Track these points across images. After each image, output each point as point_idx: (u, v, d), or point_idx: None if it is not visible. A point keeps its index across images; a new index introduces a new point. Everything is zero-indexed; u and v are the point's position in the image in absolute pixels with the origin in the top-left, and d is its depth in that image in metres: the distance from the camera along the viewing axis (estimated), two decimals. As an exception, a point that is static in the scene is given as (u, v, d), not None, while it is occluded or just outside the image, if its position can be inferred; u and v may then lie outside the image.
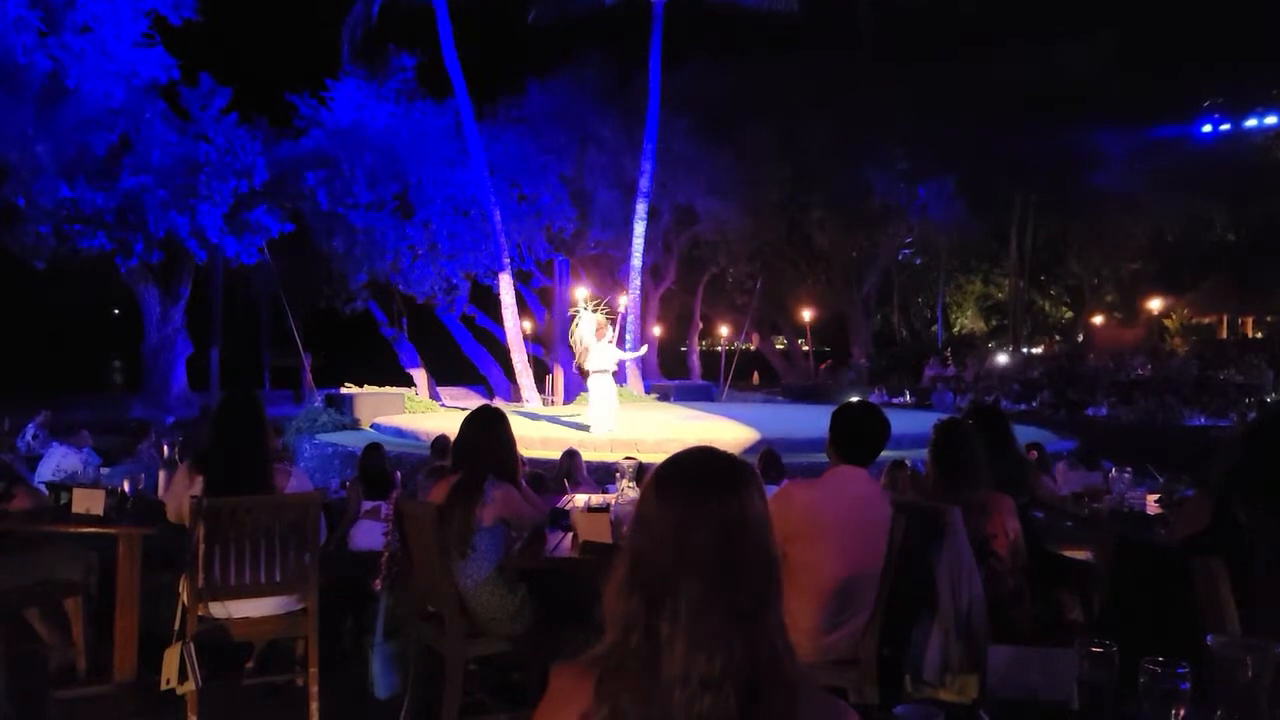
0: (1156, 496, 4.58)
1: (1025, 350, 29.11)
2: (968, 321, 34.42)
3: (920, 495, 3.70)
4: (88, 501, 4.24)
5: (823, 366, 31.96)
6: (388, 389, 18.65)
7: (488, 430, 3.78)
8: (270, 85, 21.68)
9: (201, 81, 19.33)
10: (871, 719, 1.44)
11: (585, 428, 12.21)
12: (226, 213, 18.86)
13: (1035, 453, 7.30)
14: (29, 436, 10.61)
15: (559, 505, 4.65)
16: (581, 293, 22.97)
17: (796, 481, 3.54)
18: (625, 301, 21.06)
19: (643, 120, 20.12)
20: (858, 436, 3.33)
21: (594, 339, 12.08)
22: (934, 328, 32.97)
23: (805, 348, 33.42)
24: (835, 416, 3.36)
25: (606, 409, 11.91)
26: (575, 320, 12.81)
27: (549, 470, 7.58)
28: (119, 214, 18.02)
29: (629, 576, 1.30)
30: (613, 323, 12.76)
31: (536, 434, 11.69)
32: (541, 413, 16.70)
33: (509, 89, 24.59)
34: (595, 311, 12.71)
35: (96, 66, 17.44)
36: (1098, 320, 30.41)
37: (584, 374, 12.93)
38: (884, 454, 3.57)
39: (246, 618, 3.87)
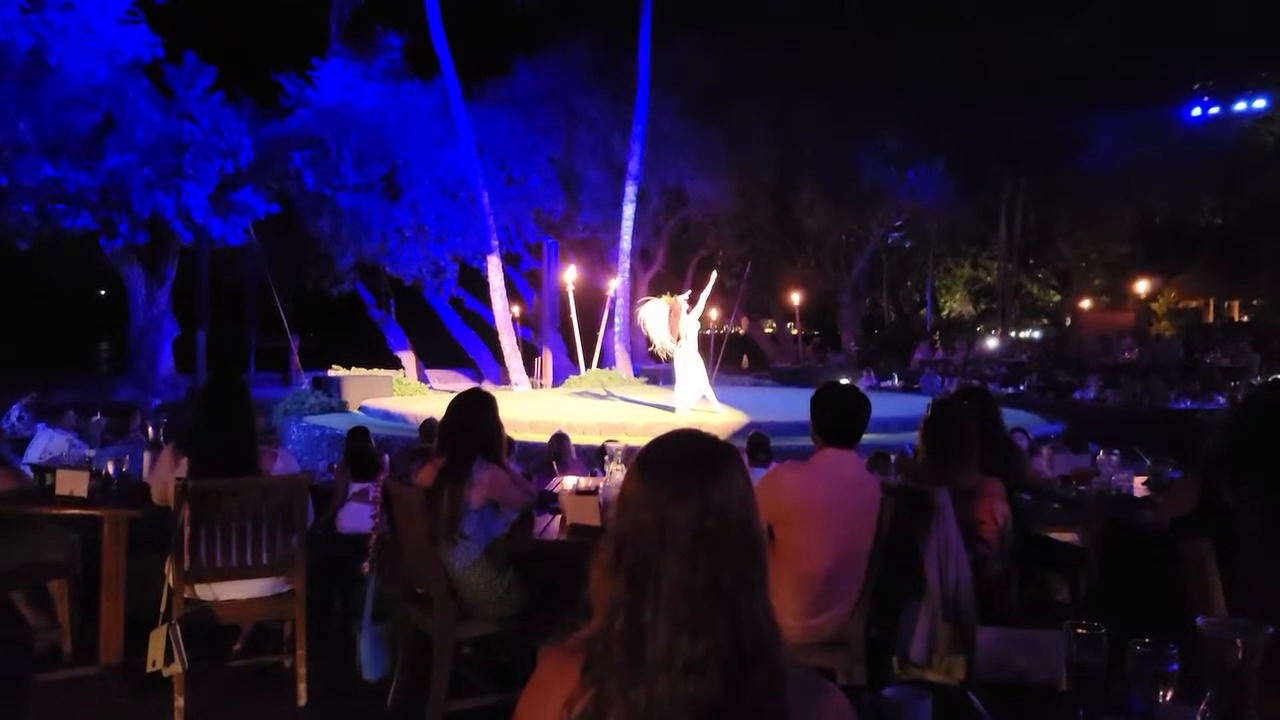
0: (1144, 479, 4.60)
1: (1014, 334, 29.20)
2: (956, 305, 34.47)
3: (909, 476, 3.70)
4: (71, 483, 4.21)
5: (807, 347, 31.98)
6: (376, 371, 18.59)
7: (473, 413, 3.77)
8: (256, 64, 21.50)
9: (186, 60, 19.13)
10: (859, 700, 1.44)
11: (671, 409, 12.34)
12: (212, 193, 18.71)
13: (1021, 436, 7.33)
14: (14, 418, 10.53)
15: (547, 488, 4.65)
16: (570, 275, 23.00)
17: (785, 465, 3.55)
18: (615, 285, 21.02)
19: (632, 101, 20.01)
20: (840, 419, 3.33)
21: (671, 325, 11.91)
22: (923, 311, 33.02)
23: (794, 331, 33.42)
24: (815, 401, 3.36)
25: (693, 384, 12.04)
26: (641, 317, 12.53)
27: (538, 454, 7.59)
28: (103, 194, 17.86)
29: (613, 559, 1.29)
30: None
31: (525, 417, 11.68)
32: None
33: (497, 69, 24.45)
34: (661, 300, 12.42)
35: (79, 44, 17.22)
36: (1085, 304, 30.51)
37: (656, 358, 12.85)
38: (870, 438, 3.57)
39: (233, 600, 3.86)
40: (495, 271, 19.39)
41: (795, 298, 29.33)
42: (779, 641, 1.27)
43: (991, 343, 26.78)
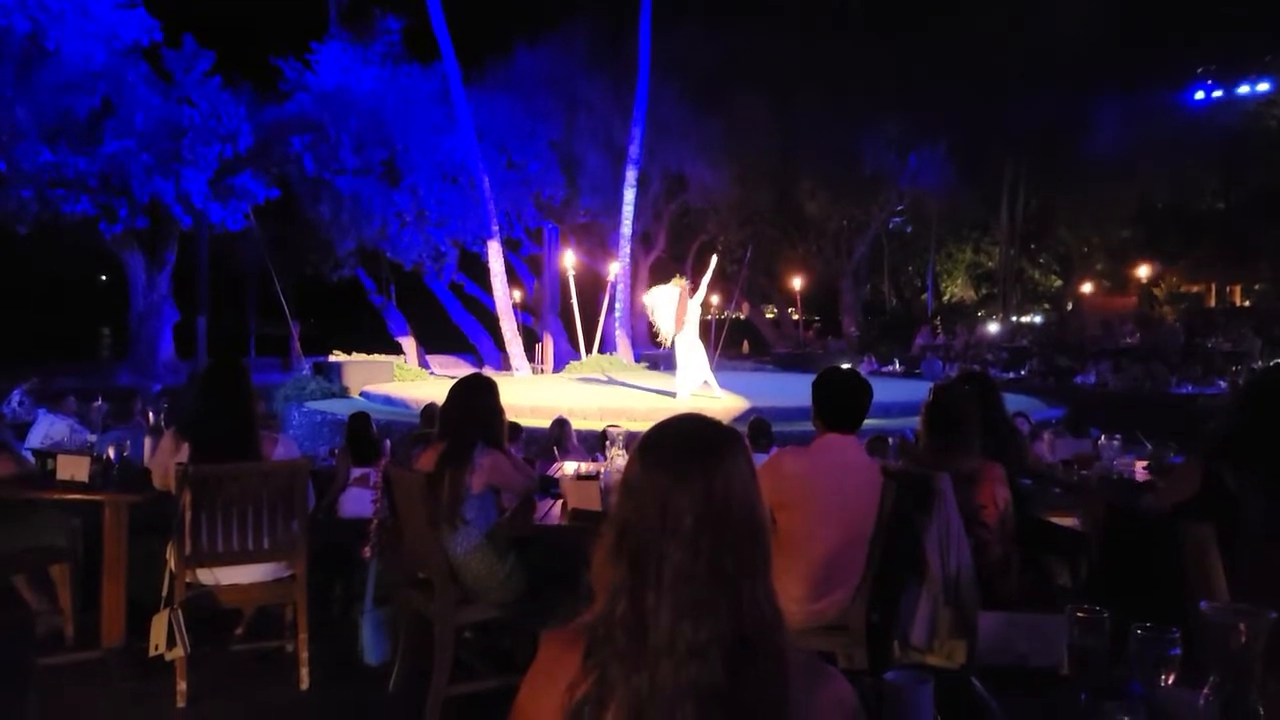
0: (1145, 463, 4.60)
1: (1015, 319, 29.17)
2: (958, 290, 34.42)
3: (911, 461, 3.70)
4: (73, 468, 4.20)
5: (808, 332, 31.97)
6: (376, 357, 18.59)
7: (475, 397, 3.76)
8: (254, 48, 21.41)
9: (184, 44, 19.05)
10: (861, 684, 1.43)
11: (673, 394, 12.29)
12: (211, 178, 18.67)
13: (1023, 420, 7.33)
14: (14, 403, 10.52)
15: (549, 473, 4.65)
16: (571, 260, 22.96)
17: (787, 450, 3.54)
18: (615, 270, 20.98)
19: (632, 86, 19.91)
20: (842, 404, 3.32)
21: (680, 309, 11.78)
22: (924, 296, 32.98)
23: (795, 317, 33.38)
24: (816, 386, 3.35)
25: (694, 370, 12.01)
26: (651, 302, 12.36)
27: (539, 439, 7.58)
28: (102, 178, 17.82)
29: (615, 544, 1.29)
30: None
31: (526, 402, 11.67)
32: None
33: (497, 53, 24.33)
34: (671, 285, 12.23)
35: (77, 28, 17.15)
36: (1087, 288, 30.46)
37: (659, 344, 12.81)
38: (871, 423, 3.56)
39: (235, 584, 3.87)
40: (495, 256, 19.35)
41: (796, 283, 29.28)
42: (781, 627, 1.27)
43: (993, 327, 26.74)
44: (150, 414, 7.15)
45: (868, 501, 3.19)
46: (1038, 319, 30.91)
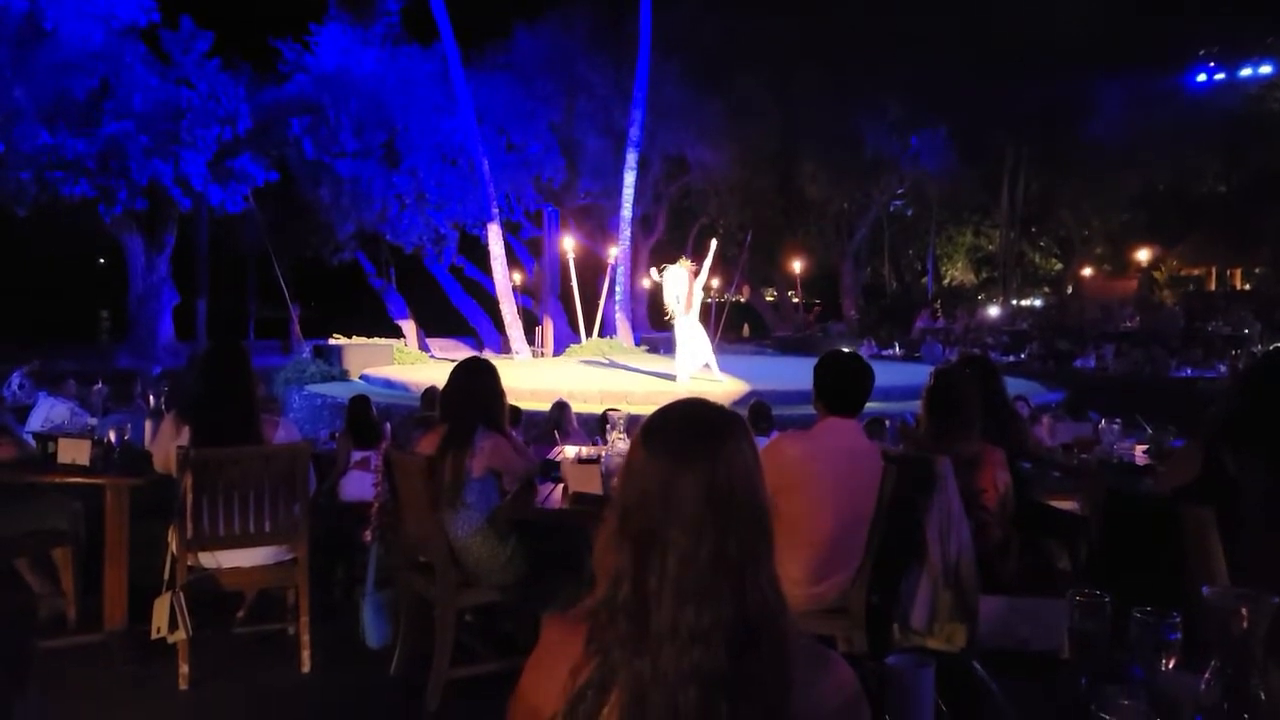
0: (1145, 447, 4.60)
1: (1015, 302, 29.14)
2: (958, 273, 34.36)
3: (911, 445, 3.70)
4: (74, 452, 4.20)
5: (809, 315, 31.93)
6: (376, 340, 18.58)
7: (476, 380, 3.76)
8: (253, 29, 21.29)
9: (182, 25, 18.96)
10: (861, 667, 1.43)
11: (672, 377, 12.27)
12: (210, 160, 18.61)
13: (1023, 404, 7.34)
14: (15, 386, 10.52)
15: (549, 457, 4.65)
16: (571, 243, 22.90)
17: (787, 434, 3.54)
18: (615, 253, 20.94)
19: (633, 68, 19.81)
20: (844, 387, 3.32)
21: (684, 292, 11.73)
22: (924, 279, 32.92)
23: (796, 300, 33.32)
24: (818, 369, 3.35)
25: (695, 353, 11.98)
26: (662, 278, 12.27)
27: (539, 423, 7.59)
28: (101, 160, 17.75)
29: (618, 529, 1.29)
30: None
31: (526, 385, 11.67)
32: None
33: (497, 34, 24.21)
34: (678, 265, 12.13)
35: (74, 8, 17.06)
36: (1087, 272, 30.41)
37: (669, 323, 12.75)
38: (872, 407, 3.56)
39: (236, 568, 3.88)
40: (496, 239, 19.31)
41: (797, 266, 29.22)
42: (785, 613, 1.27)
43: (993, 311, 26.71)
44: (151, 397, 7.16)
45: (868, 485, 3.19)
46: (1038, 303, 30.86)
